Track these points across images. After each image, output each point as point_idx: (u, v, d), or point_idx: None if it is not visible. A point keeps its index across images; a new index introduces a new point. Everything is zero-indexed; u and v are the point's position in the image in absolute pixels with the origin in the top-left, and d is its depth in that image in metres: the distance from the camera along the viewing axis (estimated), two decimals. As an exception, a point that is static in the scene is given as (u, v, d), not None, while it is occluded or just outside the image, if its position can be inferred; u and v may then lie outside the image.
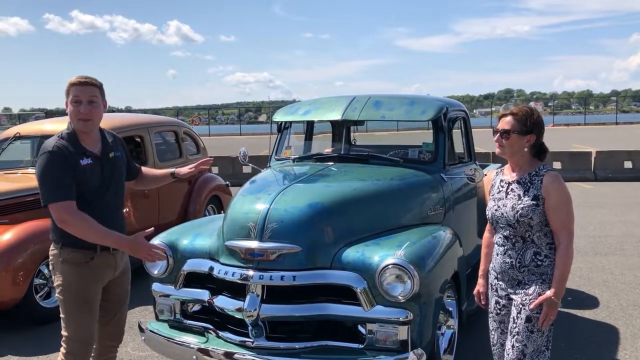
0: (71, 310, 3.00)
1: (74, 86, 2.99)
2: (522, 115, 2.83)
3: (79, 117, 2.97)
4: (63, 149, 2.90)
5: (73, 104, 2.97)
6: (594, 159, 14.92)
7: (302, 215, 3.52)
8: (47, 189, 2.87)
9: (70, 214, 2.85)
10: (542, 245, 2.82)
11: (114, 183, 3.11)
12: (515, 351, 2.83)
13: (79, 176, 2.91)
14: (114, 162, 3.11)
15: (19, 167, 6.42)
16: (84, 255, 2.97)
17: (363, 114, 4.73)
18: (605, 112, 74.77)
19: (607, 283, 6.03)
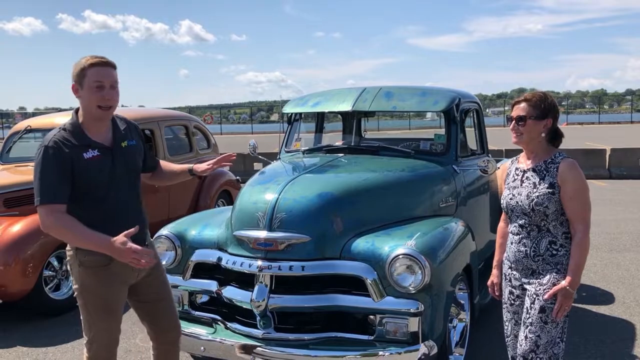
0: (90, 314, 2.79)
1: (94, 67, 2.64)
2: (536, 100, 2.77)
3: (101, 104, 2.66)
4: (61, 143, 2.61)
5: (94, 89, 2.63)
6: (608, 156, 14.75)
7: (312, 205, 3.47)
8: (37, 190, 2.60)
9: (51, 218, 2.58)
10: (558, 234, 2.75)
11: (129, 174, 2.82)
12: (528, 342, 2.76)
13: (82, 170, 2.63)
14: (127, 152, 2.81)
15: (29, 159, 6.43)
16: (101, 258, 2.67)
17: (374, 105, 4.67)
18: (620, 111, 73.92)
19: (623, 279, 5.92)
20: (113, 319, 2.84)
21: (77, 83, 2.68)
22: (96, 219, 2.66)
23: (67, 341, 4.63)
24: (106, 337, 2.84)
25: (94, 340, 2.82)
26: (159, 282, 3.04)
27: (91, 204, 2.69)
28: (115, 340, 2.89)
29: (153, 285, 3.00)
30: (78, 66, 2.67)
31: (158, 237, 3.81)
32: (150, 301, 3.01)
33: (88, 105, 2.69)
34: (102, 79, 2.65)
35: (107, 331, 2.83)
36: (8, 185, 5.52)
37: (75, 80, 2.68)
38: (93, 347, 2.83)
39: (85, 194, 2.67)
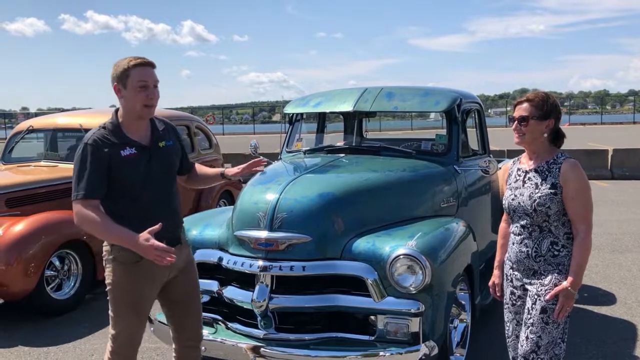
0: (118, 310, 2.85)
1: (138, 68, 2.70)
2: (538, 100, 2.76)
3: (146, 103, 2.72)
4: (100, 141, 2.69)
5: (138, 89, 2.69)
6: (610, 157, 14.72)
7: (313, 205, 3.47)
8: (74, 185, 2.69)
9: (87, 214, 2.64)
10: (560, 235, 2.74)
11: (164, 174, 2.85)
12: (529, 342, 2.75)
13: (119, 168, 2.69)
14: (164, 152, 2.85)
15: (32, 160, 6.46)
16: (133, 255, 2.69)
17: (375, 105, 4.66)
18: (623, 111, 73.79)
19: (625, 280, 5.91)
20: (139, 317, 2.87)
21: (120, 83, 2.73)
22: (130, 217, 2.71)
23: (69, 341, 4.63)
24: (131, 334, 2.87)
25: (119, 336, 2.86)
26: (190, 283, 3.05)
27: (126, 202, 2.74)
28: (139, 337, 2.92)
29: (184, 285, 3.00)
30: (120, 67, 2.72)
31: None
32: (180, 301, 3.01)
33: (132, 105, 2.74)
34: (146, 79, 2.73)
35: (133, 328, 2.86)
36: (10, 185, 5.53)
37: (118, 81, 2.74)
38: (117, 342, 2.87)
39: (120, 191, 2.72)
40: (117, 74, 2.73)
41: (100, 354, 4.38)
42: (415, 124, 43.87)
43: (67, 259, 5.35)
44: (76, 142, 6.54)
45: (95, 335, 4.75)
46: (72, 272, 5.39)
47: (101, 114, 6.76)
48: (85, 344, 4.59)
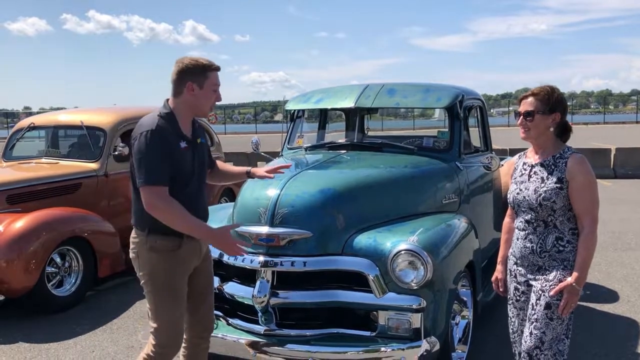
0: (161, 301, 2.83)
1: (214, 72, 2.86)
2: (544, 94, 2.73)
3: (213, 104, 2.90)
4: (165, 129, 2.74)
5: (212, 91, 2.85)
6: (613, 156, 14.68)
7: (314, 200, 3.46)
8: (144, 170, 2.69)
9: (162, 199, 2.68)
10: (565, 230, 2.72)
11: (202, 169, 2.98)
12: (533, 338, 2.73)
13: (177, 159, 2.76)
14: (201, 148, 2.97)
15: (32, 157, 6.45)
16: (172, 243, 2.79)
17: (377, 102, 4.65)
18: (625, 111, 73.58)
19: (628, 278, 5.89)
20: (180, 305, 2.88)
21: (196, 82, 2.81)
22: None
23: (70, 337, 4.62)
24: (174, 324, 2.87)
25: (162, 328, 2.83)
26: (210, 272, 3.13)
27: (175, 192, 2.75)
28: (182, 327, 2.93)
29: (205, 275, 3.07)
30: (198, 67, 2.82)
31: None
32: (201, 292, 3.05)
33: (203, 104, 2.86)
34: (219, 83, 2.90)
35: (177, 317, 2.87)
36: (11, 181, 5.52)
37: (193, 80, 2.81)
38: (162, 335, 2.84)
39: (173, 181, 2.76)
40: (194, 72, 2.80)
41: (101, 350, 4.37)
42: (417, 123, 43.75)
43: (68, 256, 5.34)
44: (77, 139, 6.55)
45: (96, 332, 4.73)
46: (73, 269, 5.38)
47: (102, 111, 6.76)
48: (86, 340, 4.57)
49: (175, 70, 2.84)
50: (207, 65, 2.83)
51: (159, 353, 2.85)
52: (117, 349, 4.38)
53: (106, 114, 6.48)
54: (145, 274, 2.84)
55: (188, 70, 2.81)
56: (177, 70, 2.83)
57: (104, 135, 6.11)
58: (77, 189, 5.83)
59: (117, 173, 6.13)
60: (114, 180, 6.10)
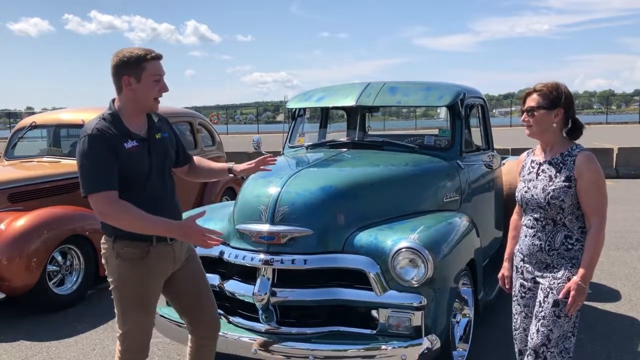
0: (125, 308, 2.75)
1: (153, 61, 2.65)
2: (546, 90, 2.70)
3: (158, 96, 2.71)
4: (104, 132, 2.58)
5: (152, 82, 2.65)
6: (615, 155, 14.65)
7: (314, 198, 3.45)
8: (85, 179, 2.56)
9: (110, 204, 2.53)
10: (574, 228, 2.69)
11: (163, 166, 2.81)
12: (540, 336, 2.71)
13: (124, 161, 2.60)
14: (161, 144, 2.80)
15: (34, 156, 6.46)
16: (139, 250, 2.67)
17: (378, 100, 4.64)
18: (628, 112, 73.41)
19: (630, 277, 5.87)
20: (147, 313, 2.80)
21: (133, 76, 2.63)
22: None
23: (71, 336, 4.62)
24: (140, 331, 2.79)
25: (128, 334, 2.77)
26: (196, 274, 3.01)
27: (131, 195, 2.62)
28: (148, 334, 2.85)
29: (190, 276, 2.96)
30: (132, 58, 2.62)
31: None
32: (189, 293, 2.97)
33: (145, 97, 2.68)
34: (161, 72, 2.70)
35: (141, 325, 2.79)
36: (13, 180, 5.52)
37: (129, 73, 2.63)
38: (126, 341, 2.78)
39: (126, 184, 2.62)
40: (128, 65, 2.62)
41: (102, 349, 4.37)
42: (420, 123, 43.69)
43: (69, 254, 5.35)
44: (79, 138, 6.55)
45: (97, 330, 4.74)
46: (74, 268, 5.38)
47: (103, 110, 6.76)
48: (87, 338, 4.57)
49: (111, 65, 2.67)
50: (142, 56, 2.63)
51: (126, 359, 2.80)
52: (118, 347, 4.38)
53: (108, 113, 6.47)
54: (113, 280, 2.74)
55: (122, 64, 2.63)
56: (112, 65, 2.66)
57: (106, 134, 6.09)
58: (78, 188, 5.77)
59: (119, 172, 6.12)
60: (115, 179, 6.09)
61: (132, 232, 2.61)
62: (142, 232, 2.63)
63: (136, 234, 2.62)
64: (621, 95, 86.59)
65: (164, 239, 2.72)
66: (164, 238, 2.72)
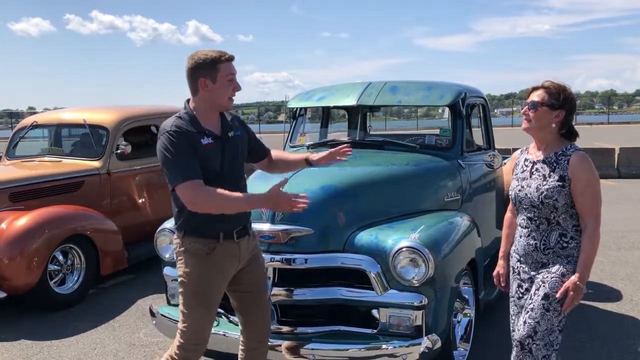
0: (189, 303, 2.80)
1: (227, 62, 2.76)
2: (554, 89, 2.70)
3: (231, 95, 2.81)
4: (182, 128, 2.69)
5: (227, 82, 2.76)
6: (617, 155, 14.63)
7: (315, 197, 3.44)
8: (170, 173, 2.66)
9: (197, 191, 2.62)
10: (568, 227, 2.69)
11: (236, 163, 2.89)
12: (526, 327, 2.70)
13: (202, 156, 2.70)
14: (234, 142, 2.88)
15: (35, 156, 6.46)
16: (206, 247, 2.75)
17: (379, 99, 4.64)
18: (630, 112, 73.32)
19: (631, 277, 5.87)
20: (208, 310, 2.83)
21: (209, 77, 2.74)
22: None
23: (72, 335, 4.62)
24: (199, 329, 2.82)
25: (188, 330, 2.81)
26: (259, 273, 3.04)
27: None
28: (208, 333, 2.87)
29: (253, 275, 2.99)
30: (208, 61, 2.73)
31: (161, 231, 3.80)
32: (250, 292, 2.99)
33: (220, 97, 2.78)
34: (234, 72, 2.79)
35: (201, 322, 2.83)
36: (14, 179, 5.53)
37: (205, 75, 2.73)
38: (185, 336, 2.81)
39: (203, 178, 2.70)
40: (204, 67, 2.73)
41: (103, 348, 4.37)
42: (421, 123, 43.68)
43: (70, 254, 5.36)
44: (80, 138, 6.56)
45: (97, 329, 4.74)
46: (75, 267, 5.39)
47: (105, 109, 6.76)
48: (88, 337, 4.58)
49: (186, 68, 2.78)
50: (217, 58, 2.74)
51: (182, 355, 2.81)
52: (119, 346, 4.39)
53: (109, 112, 6.48)
54: (180, 274, 2.81)
55: (198, 66, 2.74)
56: (188, 68, 2.77)
57: (107, 134, 6.11)
58: (79, 187, 5.83)
59: (120, 171, 6.14)
60: (116, 179, 6.11)
61: (203, 228, 2.72)
62: (236, 210, 2.72)
63: (204, 231, 2.73)
64: (623, 95, 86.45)
65: (230, 237, 2.79)
66: (231, 235, 2.79)
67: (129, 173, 6.26)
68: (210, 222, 2.70)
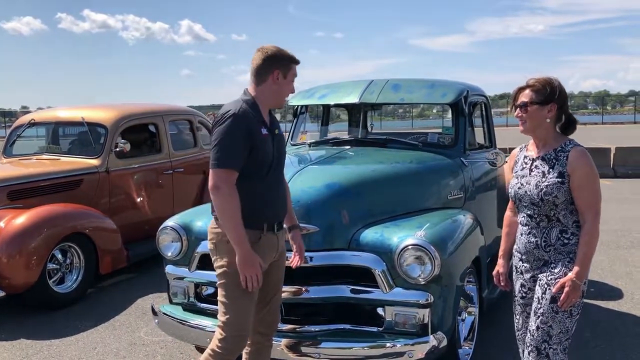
0: (232, 294, 2.76)
1: (295, 65, 2.87)
2: (539, 85, 2.68)
3: (288, 96, 2.93)
4: (248, 113, 2.72)
5: (291, 82, 2.86)
6: (613, 155, 14.68)
7: (320, 195, 3.43)
8: (219, 152, 2.66)
9: (229, 185, 2.65)
10: (569, 223, 2.68)
11: (281, 159, 2.95)
12: (540, 332, 2.69)
13: (258, 146, 2.73)
14: (280, 138, 2.94)
15: (33, 154, 6.41)
16: (252, 235, 2.74)
17: (381, 97, 4.62)
18: (623, 112, 73.68)
19: (631, 275, 5.88)
20: (252, 301, 2.80)
21: (282, 71, 2.81)
22: (254, 195, 2.75)
23: (72, 334, 4.58)
24: (244, 319, 2.79)
25: (232, 322, 2.76)
26: (283, 269, 3.05)
27: (255, 181, 2.75)
28: (251, 322, 2.84)
29: (280, 270, 3.01)
30: (284, 57, 2.82)
31: (163, 228, 3.77)
32: (274, 285, 2.98)
33: (283, 93, 2.87)
34: (296, 75, 2.90)
35: (247, 312, 2.79)
36: (12, 177, 5.48)
37: (280, 68, 2.80)
38: (230, 329, 2.76)
39: (253, 169, 2.74)
40: (281, 61, 2.80)
41: (104, 347, 4.33)
42: (415, 123, 43.75)
43: (69, 252, 5.32)
44: (78, 136, 6.51)
45: (97, 329, 4.70)
46: (74, 266, 5.35)
47: (103, 107, 6.72)
48: (89, 337, 4.54)
49: (261, 56, 2.80)
50: (292, 57, 2.85)
51: (224, 348, 2.76)
52: (120, 345, 4.35)
53: (107, 110, 6.44)
54: (222, 265, 2.78)
55: (276, 58, 2.79)
56: (263, 57, 2.79)
57: (106, 132, 6.07)
58: (78, 185, 5.79)
59: (119, 169, 6.10)
60: (115, 177, 6.07)
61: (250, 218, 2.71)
62: (222, 226, 2.72)
63: (249, 221, 2.70)
64: (616, 96, 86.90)
65: (272, 229, 2.83)
66: (272, 228, 2.83)
67: (127, 171, 6.22)
68: (256, 213, 2.74)
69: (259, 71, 2.81)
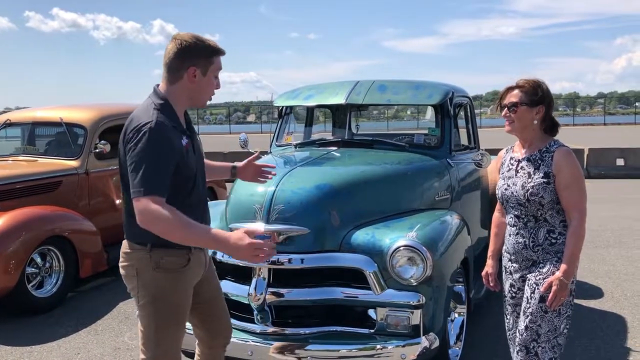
0: (164, 325, 2.39)
1: (220, 55, 2.40)
2: (529, 87, 2.71)
3: (213, 94, 2.47)
4: (165, 125, 2.25)
5: (214, 78, 2.41)
6: (586, 156, 14.95)
7: (310, 196, 3.40)
8: (141, 179, 2.18)
9: (162, 212, 2.15)
10: (556, 223, 2.71)
11: (203, 165, 2.55)
12: (529, 332, 2.71)
13: (183, 160, 2.31)
14: (198, 142, 2.53)
15: (10, 154, 6.25)
16: (182, 259, 2.36)
17: (367, 98, 4.61)
18: (592, 114, 75.18)
19: (610, 274, 5.98)
20: (183, 329, 2.50)
21: (200, 68, 2.34)
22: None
23: (53, 339, 4.47)
24: (177, 349, 2.47)
25: (163, 355, 2.41)
26: (215, 279, 2.78)
27: (180, 199, 2.31)
28: (180, 355, 2.53)
29: (212, 283, 2.70)
30: (203, 49, 2.34)
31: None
32: (209, 300, 2.68)
33: (203, 93, 2.43)
34: (221, 69, 2.46)
35: (177, 343, 2.47)
36: (-12, 180, 5.33)
37: (197, 64, 2.34)
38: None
39: (177, 187, 2.30)
40: (199, 55, 2.33)
41: (87, 352, 4.24)
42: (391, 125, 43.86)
43: (48, 256, 5.19)
44: (56, 137, 6.36)
45: (80, 333, 4.60)
46: (54, 269, 5.22)
47: (82, 108, 6.59)
48: (70, 342, 4.43)
49: (175, 49, 2.32)
50: (215, 49, 2.37)
51: None
52: (104, 350, 4.26)
53: (86, 110, 6.32)
54: (148, 294, 2.37)
55: (192, 52, 2.32)
56: (177, 49, 2.32)
57: (85, 132, 5.95)
58: (57, 187, 5.66)
59: (98, 171, 5.99)
60: (94, 179, 5.96)
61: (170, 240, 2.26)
62: (190, 243, 2.32)
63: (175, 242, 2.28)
64: (585, 98, 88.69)
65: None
66: None
67: (107, 173, 6.11)
68: None
69: (171, 67, 2.34)
